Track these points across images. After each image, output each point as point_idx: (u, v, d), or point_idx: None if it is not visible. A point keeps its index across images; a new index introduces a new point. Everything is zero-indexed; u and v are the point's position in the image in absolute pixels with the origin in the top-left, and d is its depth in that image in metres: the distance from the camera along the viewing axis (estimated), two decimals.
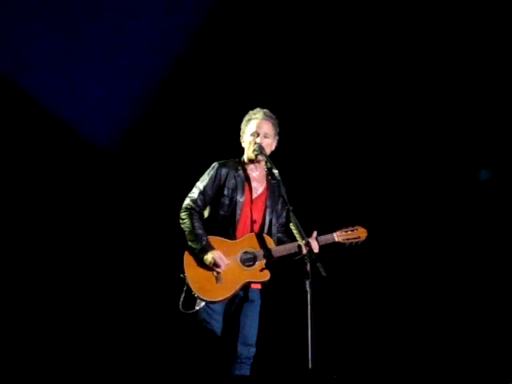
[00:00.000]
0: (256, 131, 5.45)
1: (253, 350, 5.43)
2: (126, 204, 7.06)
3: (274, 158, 5.43)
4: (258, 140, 5.43)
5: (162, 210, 6.66)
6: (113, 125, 7.05)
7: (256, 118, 5.48)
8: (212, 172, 5.42)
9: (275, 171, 5.36)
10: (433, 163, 7.10)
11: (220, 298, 5.30)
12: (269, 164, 5.39)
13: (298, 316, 5.09)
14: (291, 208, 5.25)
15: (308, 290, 4.97)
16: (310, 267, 5.03)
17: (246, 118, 5.53)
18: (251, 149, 5.44)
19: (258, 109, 5.53)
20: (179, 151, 7.04)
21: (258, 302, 5.45)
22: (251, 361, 5.43)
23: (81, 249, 6.93)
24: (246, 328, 5.40)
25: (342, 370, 6.73)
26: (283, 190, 5.33)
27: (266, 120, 5.48)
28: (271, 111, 5.53)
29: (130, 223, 7.04)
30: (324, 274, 4.99)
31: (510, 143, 6.98)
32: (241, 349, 5.38)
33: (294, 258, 5.26)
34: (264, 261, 5.34)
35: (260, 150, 5.39)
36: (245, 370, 5.39)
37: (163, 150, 7.08)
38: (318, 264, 5.00)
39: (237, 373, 5.35)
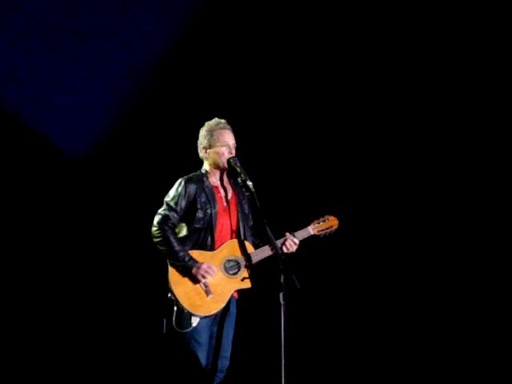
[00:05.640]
0: (228, 142, 5.43)
1: (226, 362, 5.38)
2: (98, 215, 7.01)
3: None
4: (233, 152, 5.42)
5: (134, 222, 6.63)
6: (85, 135, 7.02)
7: (224, 129, 5.45)
8: (180, 189, 5.36)
9: (249, 183, 5.34)
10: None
11: (214, 312, 5.24)
12: (243, 176, 5.37)
13: (272, 328, 5.08)
14: (266, 220, 5.25)
15: (282, 302, 4.97)
16: (284, 279, 5.02)
17: (210, 128, 5.45)
18: (223, 159, 5.40)
19: (218, 119, 5.49)
20: (152, 162, 7.02)
21: (233, 313, 5.41)
22: (224, 374, 5.39)
23: (51, 261, 6.87)
24: (222, 339, 5.35)
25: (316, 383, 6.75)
26: (257, 202, 5.29)
27: (232, 133, 5.47)
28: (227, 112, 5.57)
29: (102, 234, 6.99)
30: (298, 286, 5.01)
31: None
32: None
33: (269, 270, 5.26)
34: (248, 266, 5.31)
35: (235, 162, 5.39)
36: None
37: (136, 161, 7.06)
38: (293, 276, 5.02)
39: None
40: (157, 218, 5.33)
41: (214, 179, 5.47)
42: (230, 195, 5.48)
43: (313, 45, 7.15)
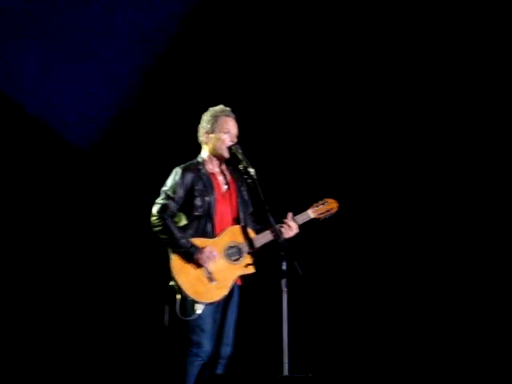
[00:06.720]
0: (231, 130, 5.43)
1: (229, 349, 5.39)
2: (105, 204, 7.02)
3: None
4: (235, 141, 5.43)
5: (136, 211, 6.62)
6: (91, 124, 7.04)
7: (228, 116, 5.47)
8: (177, 178, 5.35)
9: (251, 170, 5.36)
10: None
11: (217, 299, 5.26)
12: (245, 163, 5.38)
13: (274, 315, 5.09)
14: (268, 208, 5.27)
15: (284, 288, 5.00)
16: (287, 266, 5.04)
17: (215, 113, 5.46)
18: (223, 147, 5.41)
19: (224, 106, 5.50)
20: (158, 150, 7.02)
21: (236, 299, 5.42)
22: (226, 361, 5.40)
23: (58, 251, 6.88)
24: (225, 326, 5.36)
25: (319, 370, 6.73)
26: (259, 190, 5.30)
27: (235, 122, 5.48)
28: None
29: (110, 224, 7.00)
30: (300, 272, 5.03)
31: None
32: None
33: (271, 258, 5.27)
34: (250, 252, 5.32)
35: (237, 149, 5.40)
36: (218, 371, 5.36)
37: (142, 150, 7.07)
38: (295, 263, 5.03)
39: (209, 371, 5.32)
40: (155, 208, 5.33)
41: (211, 166, 5.47)
42: (228, 182, 5.48)
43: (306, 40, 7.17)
